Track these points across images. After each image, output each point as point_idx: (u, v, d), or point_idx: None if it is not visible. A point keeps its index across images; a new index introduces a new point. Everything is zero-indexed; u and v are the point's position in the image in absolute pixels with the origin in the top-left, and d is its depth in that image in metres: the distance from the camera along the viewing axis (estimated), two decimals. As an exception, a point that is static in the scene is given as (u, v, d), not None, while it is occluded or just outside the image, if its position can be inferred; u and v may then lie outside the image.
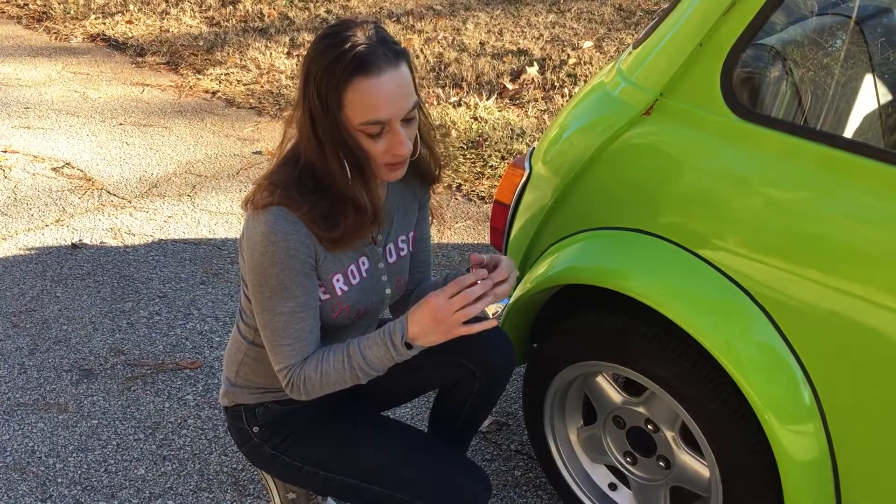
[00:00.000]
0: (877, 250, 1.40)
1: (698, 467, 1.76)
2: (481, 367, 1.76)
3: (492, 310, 2.08)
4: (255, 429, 1.72)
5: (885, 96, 1.84)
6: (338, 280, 1.57)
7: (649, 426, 1.80)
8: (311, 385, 1.54)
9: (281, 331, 1.53)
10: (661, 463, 1.81)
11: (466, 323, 1.45)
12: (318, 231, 1.49)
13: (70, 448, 2.29)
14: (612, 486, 1.97)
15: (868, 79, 1.80)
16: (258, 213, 1.47)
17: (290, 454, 1.71)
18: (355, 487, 1.68)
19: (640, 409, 1.80)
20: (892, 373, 1.40)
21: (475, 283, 1.44)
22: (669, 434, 1.77)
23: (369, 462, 1.66)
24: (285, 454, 1.71)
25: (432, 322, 1.45)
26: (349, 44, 1.41)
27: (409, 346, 1.49)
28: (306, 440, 1.70)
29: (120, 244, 3.27)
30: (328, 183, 1.48)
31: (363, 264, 1.61)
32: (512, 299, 1.90)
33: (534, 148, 2.00)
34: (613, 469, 1.96)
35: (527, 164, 1.96)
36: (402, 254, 1.70)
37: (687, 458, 1.77)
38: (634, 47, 1.82)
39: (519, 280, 1.95)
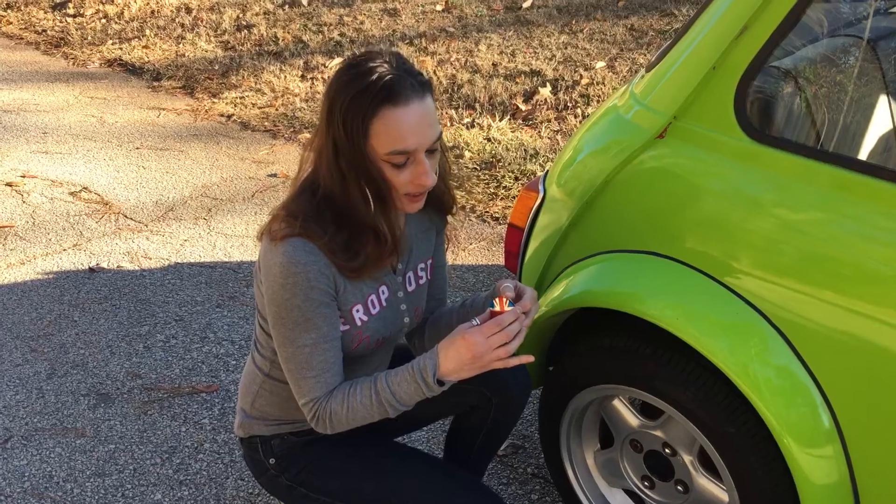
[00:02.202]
0: (892, 272, 1.39)
1: (717, 491, 1.74)
2: (498, 394, 1.76)
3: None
4: (272, 460, 1.72)
5: (900, 117, 1.83)
6: (357, 311, 1.57)
7: (667, 450, 1.79)
8: (336, 419, 1.52)
9: (304, 363, 1.51)
10: (679, 487, 1.80)
11: None
12: (338, 261, 1.49)
13: (87, 473, 2.29)
14: (630, 510, 1.95)
15: (882, 100, 1.80)
16: (276, 245, 1.47)
17: (307, 486, 1.70)
18: None
19: (658, 433, 1.79)
20: (912, 395, 1.39)
21: (513, 321, 1.44)
22: (687, 458, 1.76)
23: (387, 491, 1.65)
24: (302, 486, 1.70)
25: (470, 359, 1.44)
26: (376, 74, 1.41)
27: (440, 382, 1.48)
28: (324, 471, 1.69)
29: (137, 268, 3.29)
30: (348, 213, 1.48)
31: (383, 293, 1.61)
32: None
33: (547, 171, 2.00)
34: (631, 493, 1.95)
35: (541, 187, 1.96)
36: (422, 282, 1.71)
37: (705, 483, 1.76)
38: (647, 70, 1.82)
39: (534, 303, 1.95)
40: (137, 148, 4.39)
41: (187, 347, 2.81)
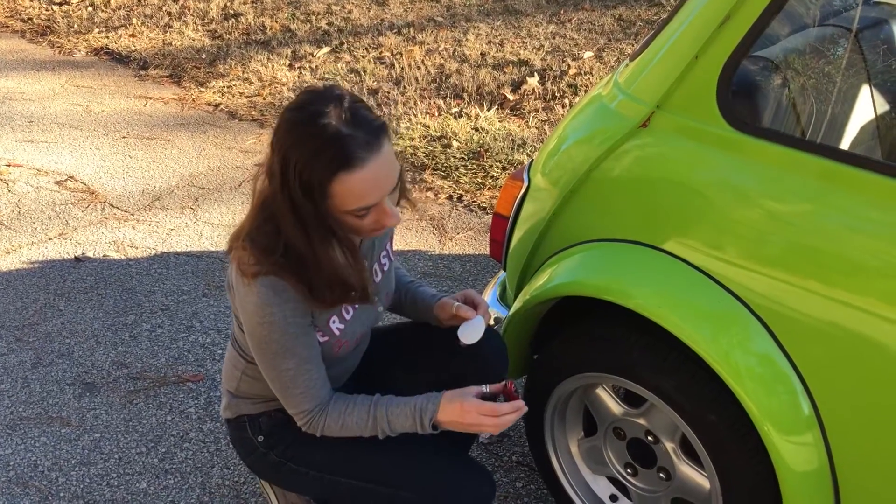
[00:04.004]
0: (875, 261, 1.40)
1: (698, 479, 1.76)
2: (473, 363, 1.78)
3: (493, 314, 2.09)
4: (260, 437, 1.74)
5: (883, 106, 1.85)
6: (333, 322, 1.61)
7: (649, 437, 1.80)
8: (328, 432, 1.60)
9: (290, 383, 1.57)
10: (661, 474, 1.81)
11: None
12: (308, 301, 1.51)
13: (73, 462, 2.29)
14: (614, 498, 1.96)
15: (865, 89, 1.81)
16: (249, 283, 1.48)
17: (295, 460, 1.72)
18: (361, 489, 1.69)
19: (641, 421, 1.80)
20: (891, 383, 1.40)
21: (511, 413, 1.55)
22: (669, 445, 1.77)
23: (375, 462, 1.67)
24: (291, 461, 1.73)
25: (463, 424, 1.56)
26: (326, 135, 1.37)
27: (434, 426, 1.58)
28: (311, 445, 1.71)
29: (123, 257, 3.28)
30: (316, 266, 1.49)
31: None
32: (511, 311, 1.90)
33: (532, 160, 2.01)
34: (614, 480, 1.96)
35: (525, 177, 1.97)
36: (386, 269, 1.74)
37: (687, 470, 1.77)
38: (631, 59, 1.83)
39: (518, 292, 1.96)
40: (124, 137, 4.36)
41: (173, 337, 2.81)
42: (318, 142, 1.38)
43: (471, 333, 1.70)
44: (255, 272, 1.47)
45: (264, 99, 4.80)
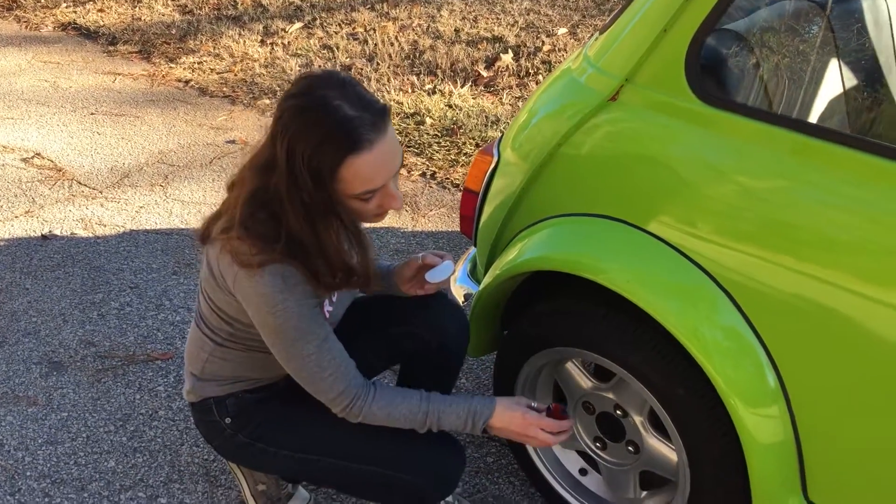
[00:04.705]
0: (844, 236, 1.41)
1: (666, 451, 1.77)
2: (436, 336, 1.80)
3: (463, 290, 2.09)
4: (228, 420, 1.72)
5: (851, 81, 1.85)
6: (326, 305, 1.62)
7: (618, 411, 1.80)
8: (370, 419, 1.59)
9: (316, 368, 1.54)
10: (630, 448, 1.82)
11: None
12: (313, 284, 1.51)
13: (39, 441, 2.26)
14: (583, 472, 1.97)
15: (836, 63, 1.81)
16: (254, 273, 1.45)
17: (265, 440, 1.71)
18: (332, 466, 1.69)
19: (609, 395, 1.80)
20: (856, 356, 1.41)
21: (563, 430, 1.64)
22: (638, 419, 1.77)
23: (348, 439, 1.67)
24: (260, 441, 1.71)
25: (517, 433, 1.62)
26: (335, 119, 1.37)
27: (484, 430, 1.61)
28: (281, 425, 1.71)
29: (91, 235, 3.23)
30: (318, 253, 1.48)
31: None
32: (481, 286, 1.89)
33: (503, 134, 1.99)
34: (584, 454, 1.97)
35: (495, 151, 1.96)
36: None
37: (655, 443, 1.78)
38: (601, 33, 1.81)
39: (488, 268, 1.95)
40: (92, 114, 4.29)
41: (142, 315, 2.78)
42: (326, 127, 1.37)
43: (440, 274, 1.71)
44: (260, 262, 1.45)
45: (236, 75, 4.74)
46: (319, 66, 4.75)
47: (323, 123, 1.37)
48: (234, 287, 1.51)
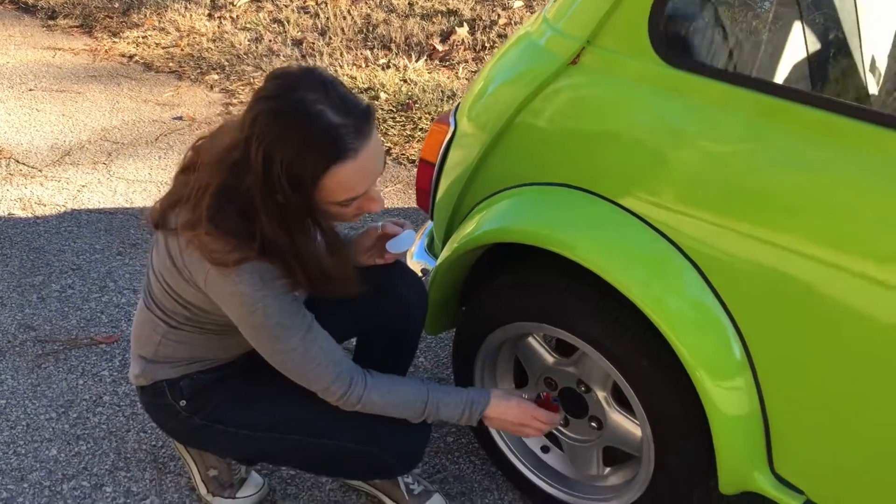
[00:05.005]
0: (810, 202, 1.36)
1: (630, 427, 1.73)
2: (395, 306, 1.76)
3: (420, 265, 2.02)
4: (183, 402, 1.65)
5: (815, 43, 1.81)
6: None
7: (581, 387, 1.75)
8: (369, 408, 1.56)
9: (302, 359, 1.49)
10: (593, 423, 1.78)
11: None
12: (289, 282, 1.46)
13: (-25, 430, 2.15)
14: (545, 449, 1.93)
15: (798, 25, 1.76)
16: (228, 272, 1.39)
17: (224, 421, 1.65)
18: (294, 444, 1.64)
19: (571, 370, 1.75)
20: (822, 325, 1.37)
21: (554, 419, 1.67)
22: (601, 394, 1.73)
23: (307, 414, 1.62)
24: (218, 422, 1.66)
25: (513, 422, 1.63)
26: (317, 126, 1.29)
27: (479, 421, 1.62)
28: (240, 403, 1.66)
29: (30, 215, 3.09)
30: (294, 258, 1.43)
31: None
32: (439, 261, 1.82)
33: (459, 103, 1.92)
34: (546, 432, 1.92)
35: (452, 120, 1.88)
36: None
37: (619, 418, 1.74)
38: (560, -5, 1.74)
39: (446, 241, 1.88)
40: (31, 90, 4.12)
41: (85, 297, 2.66)
42: (308, 134, 1.30)
43: (400, 244, 1.68)
44: (236, 259, 1.38)
45: (182, 50, 4.59)
46: (270, 40, 4.61)
47: (304, 130, 1.30)
48: (205, 285, 1.45)
